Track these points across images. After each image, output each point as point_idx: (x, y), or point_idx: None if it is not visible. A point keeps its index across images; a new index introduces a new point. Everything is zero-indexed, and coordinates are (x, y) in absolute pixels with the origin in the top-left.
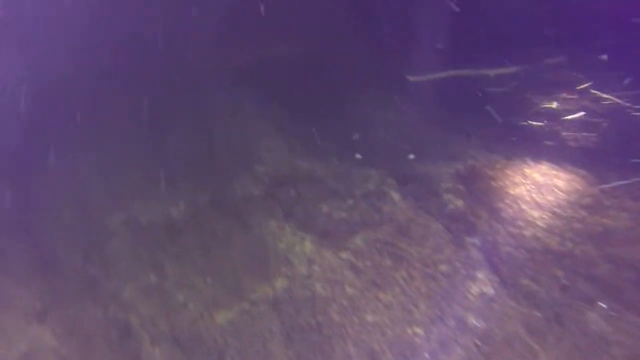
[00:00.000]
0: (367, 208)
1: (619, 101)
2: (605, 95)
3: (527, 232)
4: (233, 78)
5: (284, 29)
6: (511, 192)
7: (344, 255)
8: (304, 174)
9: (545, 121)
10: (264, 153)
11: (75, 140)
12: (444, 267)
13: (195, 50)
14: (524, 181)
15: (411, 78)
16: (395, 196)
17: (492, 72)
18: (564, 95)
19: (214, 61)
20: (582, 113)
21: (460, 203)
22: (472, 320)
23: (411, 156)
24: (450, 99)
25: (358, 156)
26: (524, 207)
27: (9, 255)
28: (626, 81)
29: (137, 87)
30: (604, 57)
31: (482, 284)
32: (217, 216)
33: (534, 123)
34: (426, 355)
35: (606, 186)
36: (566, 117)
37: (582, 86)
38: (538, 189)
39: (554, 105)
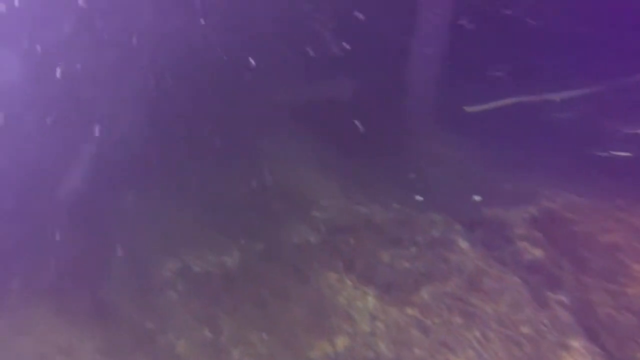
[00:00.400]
0: (432, 258)
1: None
2: None
3: (633, 290)
4: (283, 117)
5: (335, 65)
6: (602, 239)
7: (410, 311)
8: (363, 220)
9: (633, 151)
10: (319, 197)
11: (130, 185)
12: (525, 329)
13: (246, 90)
14: (617, 226)
15: (468, 108)
16: (464, 244)
17: (557, 96)
18: None
19: (265, 100)
20: None
21: (538, 252)
22: None
23: (476, 198)
24: (512, 129)
25: (418, 198)
26: (622, 258)
27: (74, 306)
28: None
29: (187, 128)
30: None
31: (580, 355)
32: (273, 266)
33: (619, 153)
34: None
35: None
36: None
37: None
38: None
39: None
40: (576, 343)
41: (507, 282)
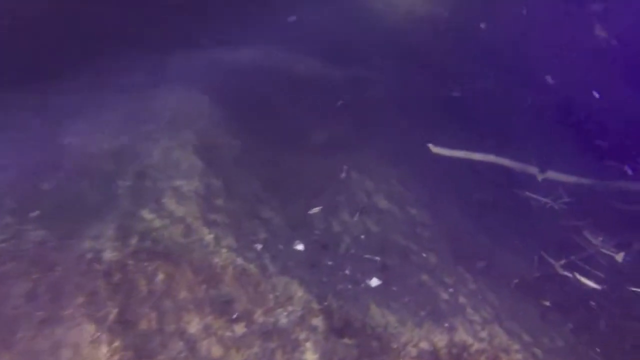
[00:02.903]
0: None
1: None
2: None
3: None
4: None
5: None
6: None
7: None
8: (197, 248)
9: (598, 279)
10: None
11: None
12: None
13: None
14: None
15: (433, 148)
16: (312, 357)
17: (541, 174)
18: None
19: None
20: None
21: None
22: None
23: (373, 282)
24: (477, 193)
25: (298, 247)
26: None
27: None
28: None
29: None
30: None
31: None
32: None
33: (583, 279)
34: None
35: None
36: (635, 289)
37: None
38: None
39: (620, 257)
40: None
41: None
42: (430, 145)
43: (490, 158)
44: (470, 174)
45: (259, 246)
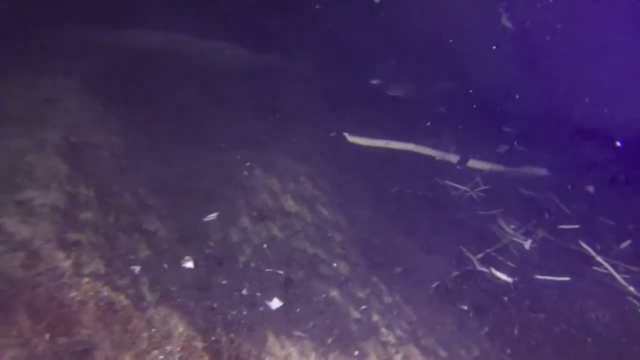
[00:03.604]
0: None
1: (612, 271)
2: (598, 258)
3: None
4: None
5: None
6: None
7: None
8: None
9: (510, 270)
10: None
11: None
12: None
13: None
14: None
15: (349, 137)
16: None
17: (460, 164)
18: (543, 233)
19: None
20: (567, 278)
21: None
22: None
23: (274, 304)
24: (396, 186)
25: (187, 265)
26: None
27: None
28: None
29: None
30: None
31: None
32: None
33: (497, 274)
34: None
35: None
36: (539, 276)
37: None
38: None
39: (527, 245)
40: None
41: None
42: (347, 135)
43: (410, 147)
44: (389, 166)
45: (136, 269)
